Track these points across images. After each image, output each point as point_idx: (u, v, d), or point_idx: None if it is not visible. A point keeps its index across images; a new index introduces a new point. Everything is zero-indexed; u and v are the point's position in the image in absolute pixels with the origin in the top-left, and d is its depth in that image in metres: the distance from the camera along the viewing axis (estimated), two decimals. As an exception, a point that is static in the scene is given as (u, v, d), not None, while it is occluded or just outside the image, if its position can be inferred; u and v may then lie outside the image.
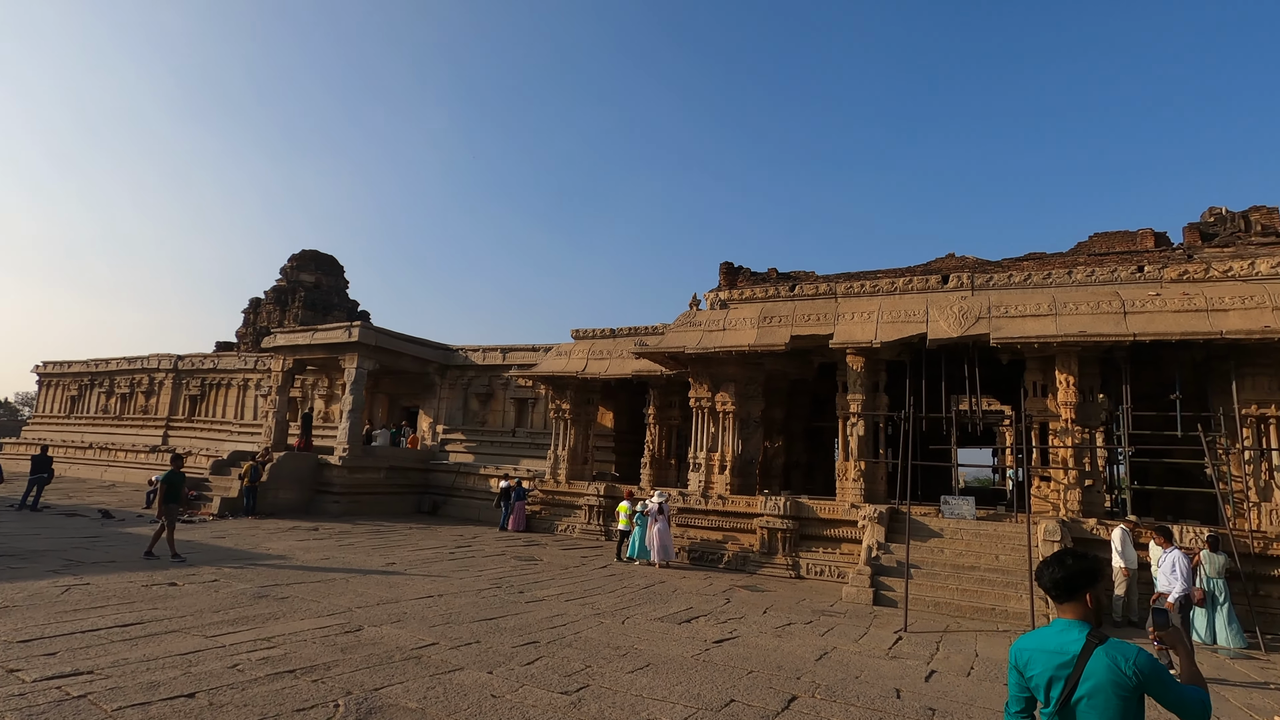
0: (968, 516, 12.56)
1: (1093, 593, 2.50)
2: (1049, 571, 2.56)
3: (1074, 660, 2.39)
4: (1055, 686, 2.42)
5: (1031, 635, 2.57)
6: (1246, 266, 11.90)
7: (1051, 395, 12.83)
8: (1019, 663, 2.55)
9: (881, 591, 11.01)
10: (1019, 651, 2.56)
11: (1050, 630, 2.51)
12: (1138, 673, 2.30)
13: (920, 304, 13.69)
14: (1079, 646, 2.40)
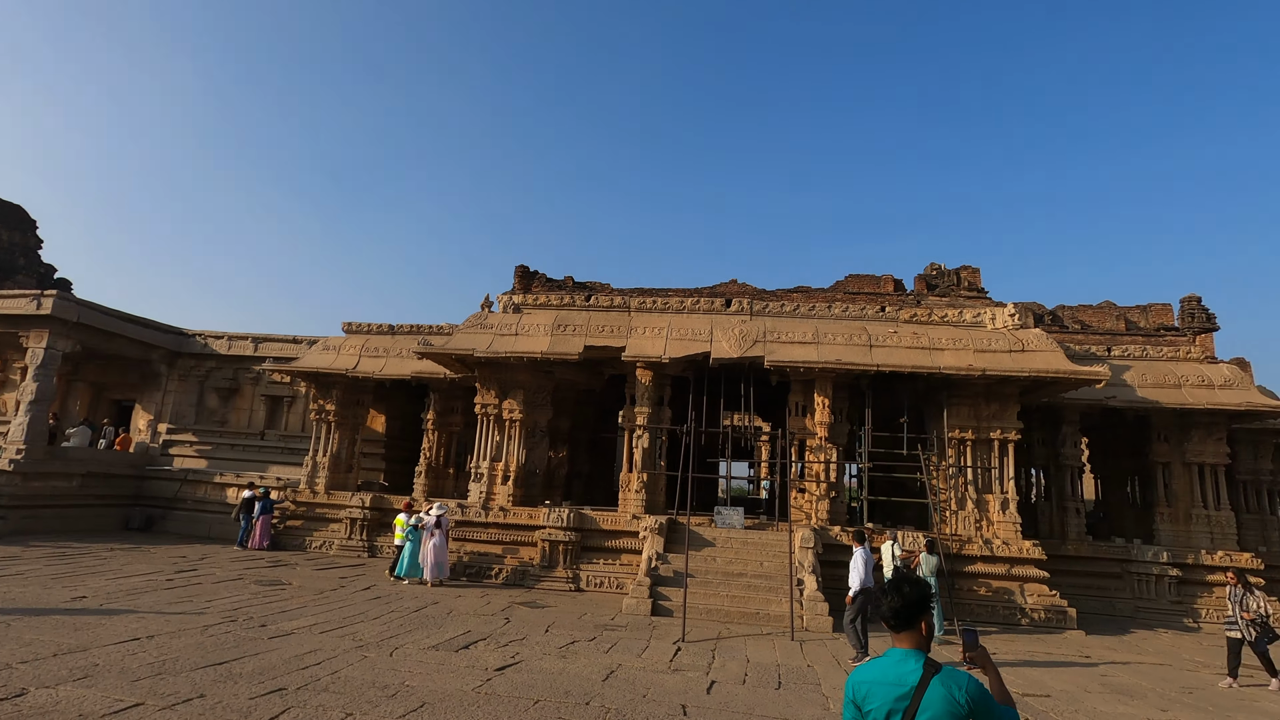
0: (737, 526, 13.42)
1: (927, 620, 2.52)
2: (888, 602, 2.53)
3: (912, 692, 2.36)
4: (894, 718, 2.38)
5: (869, 667, 2.51)
6: (957, 314, 14.36)
7: (810, 415, 14.27)
8: (857, 696, 2.48)
9: (660, 602, 11.24)
10: (857, 685, 2.49)
11: (888, 661, 2.47)
12: (969, 700, 2.33)
13: (706, 324, 14.45)
14: (917, 678, 2.38)
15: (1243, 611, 9.02)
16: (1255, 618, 8.90)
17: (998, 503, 13.54)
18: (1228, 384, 15.20)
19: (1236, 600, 9.16)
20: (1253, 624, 8.91)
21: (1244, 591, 9.20)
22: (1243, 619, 8.99)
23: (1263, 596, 9.16)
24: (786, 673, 7.90)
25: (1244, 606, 9.05)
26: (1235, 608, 9.12)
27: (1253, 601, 9.05)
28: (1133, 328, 16.81)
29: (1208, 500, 15.43)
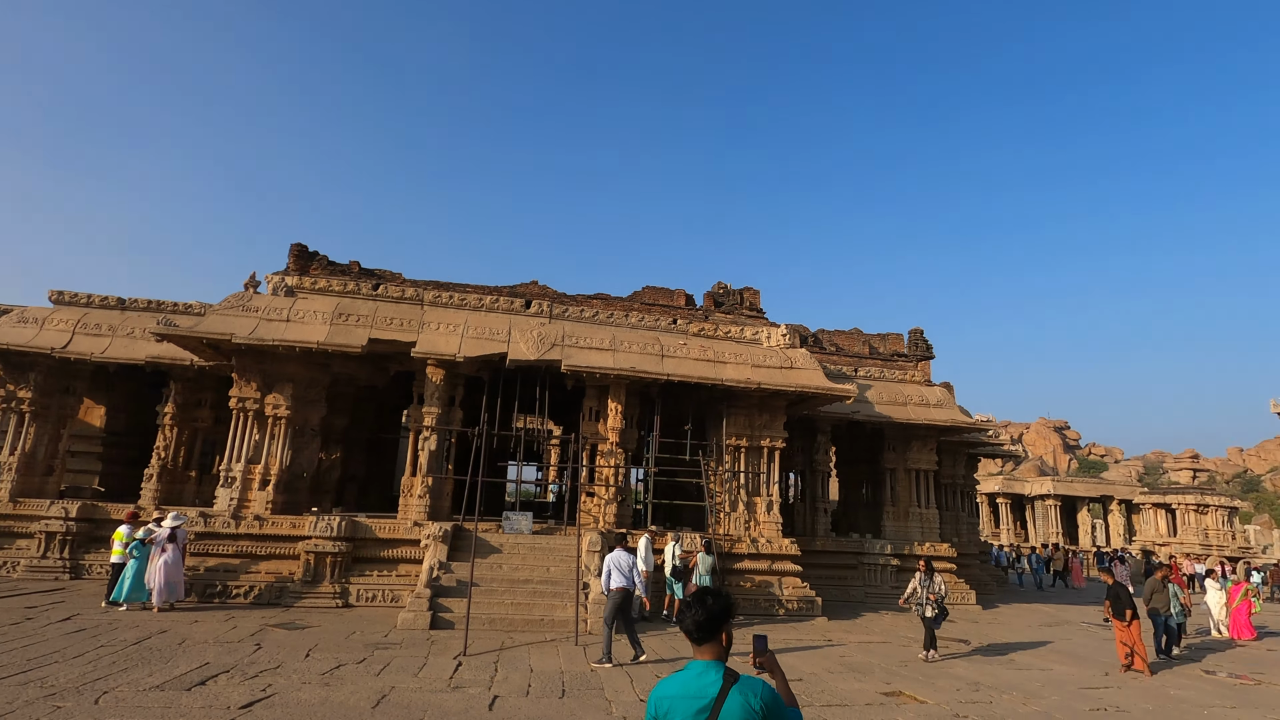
0: (525, 531, 13.20)
1: (728, 630, 2.56)
2: (691, 614, 2.54)
3: (712, 703, 2.38)
4: (695, 731, 2.37)
5: (670, 682, 2.49)
6: (739, 331, 15.59)
7: (603, 420, 14.52)
8: (658, 712, 2.44)
9: (440, 614, 10.62)
10: (659, 700, 2.45)
11: (689, 675, 2.47)
12: (763, 706, 2.40)
13: (504, 324, 14.07)
14: (717, 689, 2.40)
15: (929, 593, 10.43)
16: (937, 598, 10.39)
17: (764, 505, 14.89)
18: (940, 404, 18.33)
19: (925, 585, 10.58)
20: (934, 603, 10.36)
21: (928, 576, 10.67)
22: (929, 599, 10.39)
23: (942, 579, 10.69)
24: (571, 680, 7.86)
25: (929, 589, 10.49)
26: (923, 591, 10.54)
27: (936, 584, 10.56)
28: (874, 352, 19.62)
29: (922, 500, 18.46)
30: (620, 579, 9.42)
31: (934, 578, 10.62)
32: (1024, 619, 15.88)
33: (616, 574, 9.45)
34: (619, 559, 9.57)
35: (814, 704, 7.43)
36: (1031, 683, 9.14)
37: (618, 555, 9.63)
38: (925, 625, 10.49)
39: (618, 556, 9.60)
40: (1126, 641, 10.31)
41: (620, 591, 9.31)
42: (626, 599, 9.34)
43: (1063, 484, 43.38)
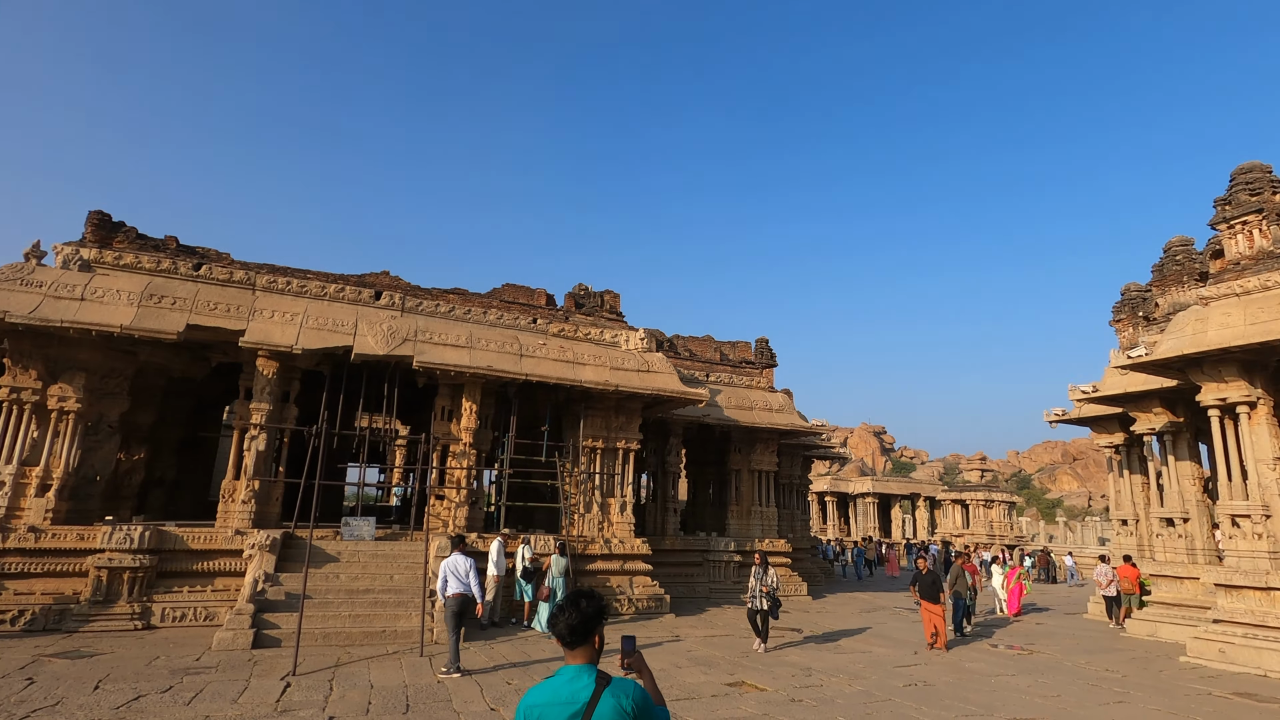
0: (367, 538, 12.37)
1: (599, 634, 2.53)
2: (564, 618, 2.48)
3: (584, 708, 2.34)
4: (566, 738, 2.32)
5: (541, 689, 2.42)
6: (599, 333, 15.69)
7: (456, 420, 13.98)
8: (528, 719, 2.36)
9: (265, 631, 9.64)
10: (529, 709, 2.37)
11: (560, 680, 2.41)
12: (635, 706, 2.40)
13: (351, 315, 13.11)
14: (589, 693, 2.36)
15: (762, 585, 10.77)
16: (769, 590, 10.80)
17: (618, 505, 15.08)
18: (782, 409, 19.60)
19: (759, 577, 10.86)
20: (768, 595, 10.76)
21: (763, 570, 11.00)
22: (761, 591, 10.74)
23: (775, 573, 11.04)
24: (416, 693, 7.45)
25: (764, 582, 10.82)
26: (757, 584, 10.82)
27: (770, 578, 10.89)
28: (725, 359, 20.60)
29: (763, 499, 19.61)
30: (457, 585, 8.96)
31: (767, 571, 10.98)
32: (848, 607, 17.37)
33: (454, 580, 8.96)
34: (456, 564, 9.03)
35: (666, 698, 7.60)
36: (855, 665, 10.00)
37: (455, 560, 9.06)
38: (749, 618, 10.91)
39: (455, 561, 9.04)
40: (932, 623, 11.59)
41: (458, 598, 8.88)
42: (465, 605, 8.94)
43: (880, 483, 48.11)
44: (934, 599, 11.60)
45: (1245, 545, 11.11)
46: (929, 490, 48.52)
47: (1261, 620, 10.50)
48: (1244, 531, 11.16)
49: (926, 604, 11.68)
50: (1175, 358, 11.67)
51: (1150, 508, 14.97)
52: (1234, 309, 11.30)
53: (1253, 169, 12.17)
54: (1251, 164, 12.23)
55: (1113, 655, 11.54)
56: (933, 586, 11.64)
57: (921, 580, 11.85)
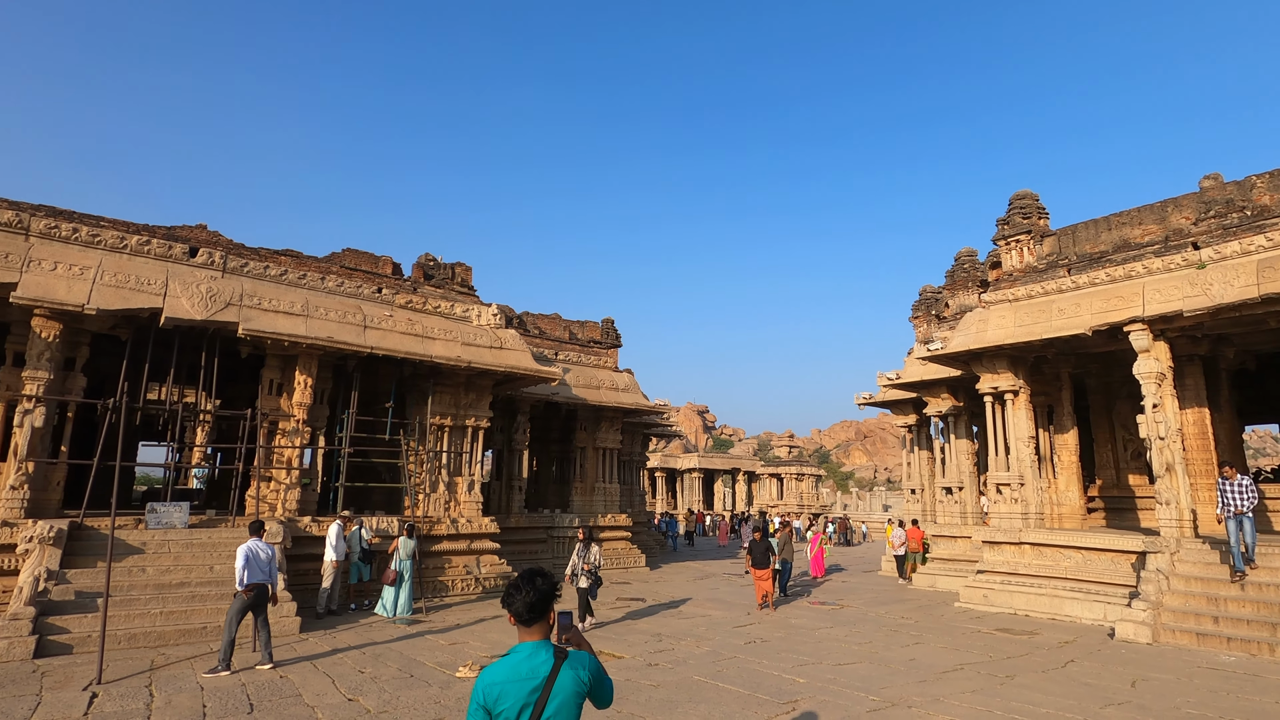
0: (179, 525, 11.00)
1: (554, 609, 2.59)
2: (521, 596, 2.51)
3: (544, 682, 2.41)
4: (525, 713, 2.37)
5: (499, 667, 2.44)
6: (449, 307, 15.10)
7: (286, 394, 12.80)
8: (487, 700, 2.38)
9: (50, 638, 8.29)
10: (488, 688, 2.39)
11: (518, 657, 2.45)
12: (591, 677, 2.51)
13: (159, 273, 11.44)
14: (549, 668, 2.43)
15: (584, 563, 10.40)
16: (591, 568, 10.40)
17: (465, 484, 14.74)
18: (627, 388, 20.20)
19: (582, 554, 10.48)
20: (588, 573, 10.36)
21: (586, 547, 10.63)
22: (583, 569, 10.37)
23: (598, 549, 10.64)
24: (257, 690, 6.87)
25: (586, 559, 10.43)
26: (579, 561, 10.41)
27: (592, 555, 10.52)
28: (574, 338, 20.73)
29: (606, 476, 20.15)
30: (260, 574, 7.90)
31: (590, 548, 10.58)
32: (682, 575, 18.48)
33: (255, 569, 7.88)
34: (258, 551, 7.97)
35: (528, 674, 7.70)
36: (698, 628, 10.76)
37: (257, 546, 8.00)
38: (579, 596, 10.45)
39: (256, 548, 7.98)
40: (763, 587, 12.73)
41: (258, 589, 7.87)
42: (262, 597, 7.93)
43: (705, 459, 51.19)
44: (764, 565, 12.67)
45: (1005, 509, 13.46)
46: (747, 465, 52.55)
47: (1014, 569, 12.83)
48: (1005, 497, 13.52)
49: (756, 571, 12.71)
50: (963, 352, 13.74)
51: (935, 479, 17.53)
52: (1008, 313, 13.52)
53: (1025, 196, 14.57)
54: (1025, 192, 14.63)
55: (904, 605, 13.46)
56: (764, 555, 12.71)
57: (754, 549, 12.93)
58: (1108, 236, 13.22)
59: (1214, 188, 12.07)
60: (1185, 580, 10.15)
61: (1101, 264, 12.77)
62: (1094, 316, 12.07)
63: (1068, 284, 13.05)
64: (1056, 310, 12.74)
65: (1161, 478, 11.30)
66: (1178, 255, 11.77)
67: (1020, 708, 6.53)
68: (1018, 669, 8.09)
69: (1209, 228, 11.66)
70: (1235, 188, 11.76)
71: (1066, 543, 12.35)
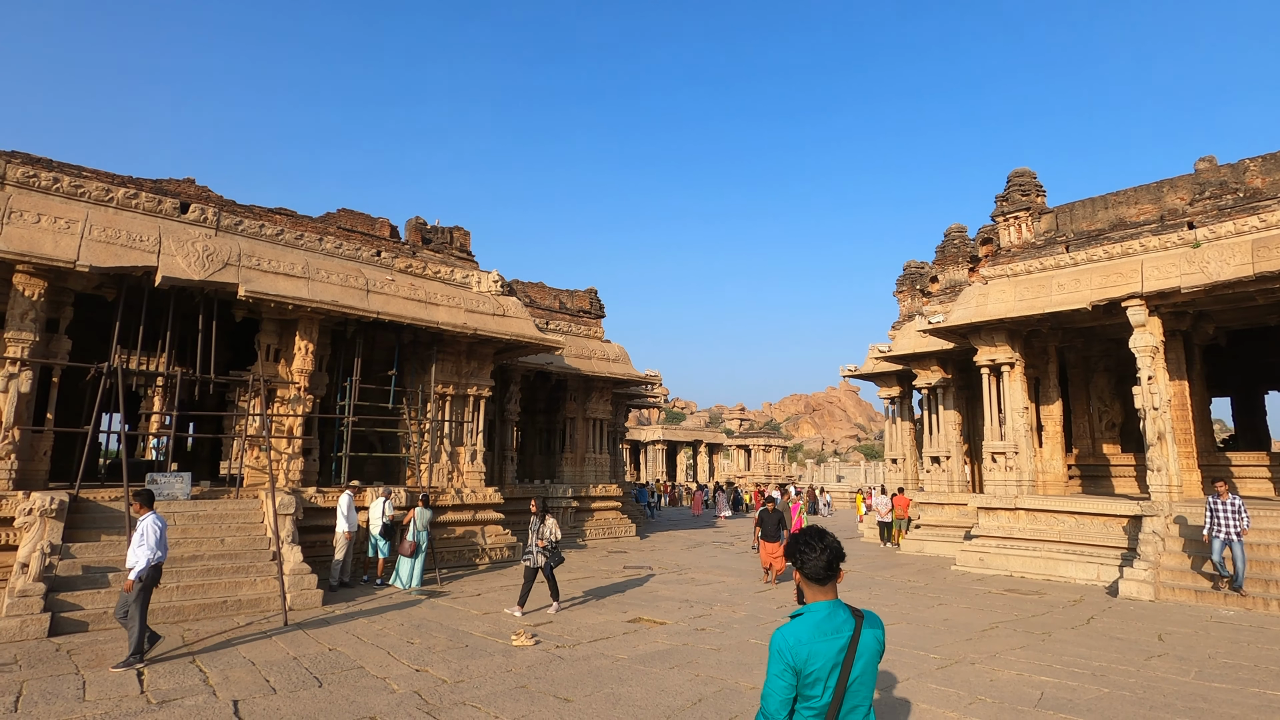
0: (181, 497, 10.45)
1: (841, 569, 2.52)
2: (814, 555, 2.44)
3: (849, 643, 2.35)
4: (834, 674, 2.31)
5: (799, 627, 2.36)
6: (449, 272, 14.61)
7: (285, 361, 12.23)
8: (796, 661, 2.30)
9: (63, 615, 7.79)
10: (796, 648, 2.31)
11: (818, 616, 2.38)
12: (883, 638, 2.47)
13: (151, 229, 10.67)
14: (851, 627, 2.37)
15: (538, 539, 9.17)
16: (547, 544, 9.15)
17: (468, 454, 14.44)
18: (618, 359, 20.07)
19: (536, 529, 9.23)
20: (544, 550, 9.14)
21: (540, 521, 9.30)
22: (538, 546, 9.11)
23: (554, 524, 9.34)
24: (314, 663, 6.62)
25: (540, 534, 9.20)
26: (533, 536, 9.19)
27: (547, 530, 9.24)
28: (563, 307, 20.41)
29: (598, 446, 20.07)
30: (161, 552, 6.76)
31: (546, 521, 9.35)
32: (674, 544, 18.66)
33: (156, 546, 6.67)
34: (157, 527, 6.78)
35: (580, 641, 7.66)
36: (721, 594, 10.89)
37: (157, 522, 6.80)
38: (545, 576, 9.28)
39: (156, 524, 6.79)
40: (770, 559, 12.11)
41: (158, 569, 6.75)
42: (158, 577, 6.82)
43: (669, 431, 51.64)
44: (776, 538, 12.02)
45: (1000, 476, 14.01)
46: (709, 437, 53.28)
47: (1010, 534, 13.40)
48: (999, 465, 14.06)
49: (768, 545, 12.07)
50: (964, 325, 14.11)
51: (925, 449, 18.08)
52: (1008, 287, 13.93)
53: (1024, 174, 14.95)
54: (1023, 170, 15.00)
55: (903, 569, 13.94)
56: (777, 528, 12.10)
57: (766, 521, 12.29)
58: (1104, 215, 13.71)
59: (1208, 170, 12.62)
60: (1181, 542, 10.79)
61: (1099, 241, 13.25)
62: (1094, 292, 12.54)
63: (1066, 260, 13.50)
64: (1056, 285, 13.18)
65: (1154, 445, 11.92)
66: (1174, 234, 12.30)
67: (1074, 660, 6.85)
68: (1048, 626, 8.48)
69: (1204, 208, 12.20)
70: (1229, 170, 12.32)
71: (1061, 508, 12.95)
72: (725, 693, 5.84)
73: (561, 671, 6.44)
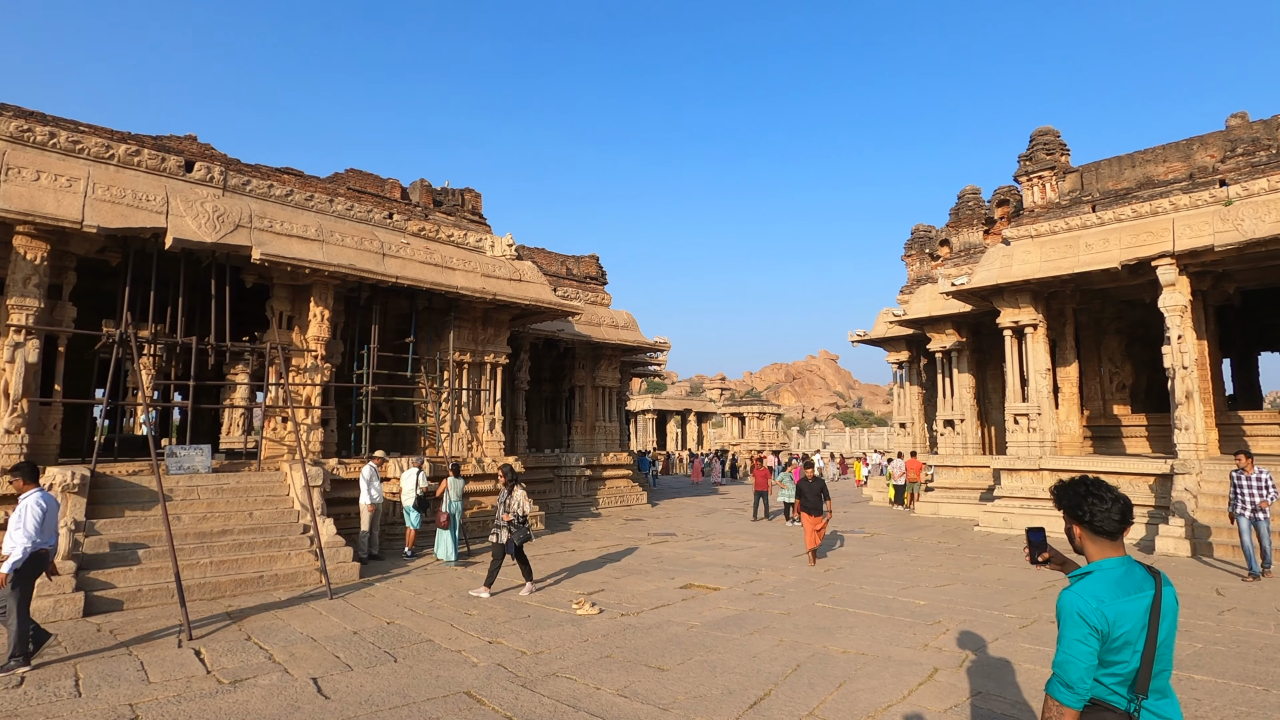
0: (202, 470, 9.99)
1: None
2: (1103, 507, 2.19)
3: (1153, 601, 2.12)
4: (1143, 635, 2.08)
5: (1099, 584, 2.11)
6: (463, 236, 14.08)
7: (299, 329, 11.71)
8: (1102, 623, 2.06)
9: (96, 594, 7.39)
10: (1101, 610, 2.06)
11: (1117, 574, 2.15)
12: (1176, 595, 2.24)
13: (157, 189, 10.01)
14: (1152, 584, 2.14)
15: (504, 512, 8.22)
16: (514, 518, 8.20)
17: (486, 423, 14.10)
18: (627, 326, 19.72)
19: (504, 502, 8.25)
20: (510, 525, 8.18)
21: (508, 493, 8.33)
22: (504, 521, 8.19)
23: (523, 495, 8.37)
24: (379, 637, 6.34)
25: (507, 507, 8.22)
26: (500, 509, 8.26)
27: (515, 502, 8.24)
28: (570, 274, 19.94)
29: (607, 415, 19.82)
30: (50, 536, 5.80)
31: (513, 493, 8.30)
32: (687, 511, 18.58)
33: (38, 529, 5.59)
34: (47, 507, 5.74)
35: (642, 608, 7.47)
36: (759, 559, 10.78)
37: (41, 502, 5.68)
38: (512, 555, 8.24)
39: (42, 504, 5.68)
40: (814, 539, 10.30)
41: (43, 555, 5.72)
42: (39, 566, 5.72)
43: (659, 401, 51.58)
44: (819, 511, 10.23)
45: (1022, 438, 14.05)
46: (700, 406, 53.36)
47: (1033, 494, 13.49)
48: (1023, 427, 14.09)
49: (809, 518, 10.34)
50: (988, 286, 14.00)
51: (939, 412, 18.10)
52: (1033, 248, 13.80)
53: (1047, 132, 14.73)
54: (1046, 128, 14.79)
55: (928, 531, 13.99)
56: (818, 498, 10.28)
57: (806, 491, 10.47)
58: (1131, 174, 13.58)
59: (1240, 126, 12.51)
60: (1213, 499, 10.89)
61: (1128, 200, 13.13)
62: (1123, 251, 12.46)
63: (1093, 220, 13.38)
64: (1084, 245, 13.07)
65: (1181, 404, 11.97)
66: (1205, 192, 12.21)
67: (1148, 617, 6.82)
68: (1101, 583, 8.48)
69: (1237, 165, 12.11)
70: (1262, 126, 12.22)
71: (1087, 468, 13.02)
72: (819, 658, 5.68)
73: (640, 640, 6.25)
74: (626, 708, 4.63)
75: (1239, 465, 9.04)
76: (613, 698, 4.81)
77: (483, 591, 8.16)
